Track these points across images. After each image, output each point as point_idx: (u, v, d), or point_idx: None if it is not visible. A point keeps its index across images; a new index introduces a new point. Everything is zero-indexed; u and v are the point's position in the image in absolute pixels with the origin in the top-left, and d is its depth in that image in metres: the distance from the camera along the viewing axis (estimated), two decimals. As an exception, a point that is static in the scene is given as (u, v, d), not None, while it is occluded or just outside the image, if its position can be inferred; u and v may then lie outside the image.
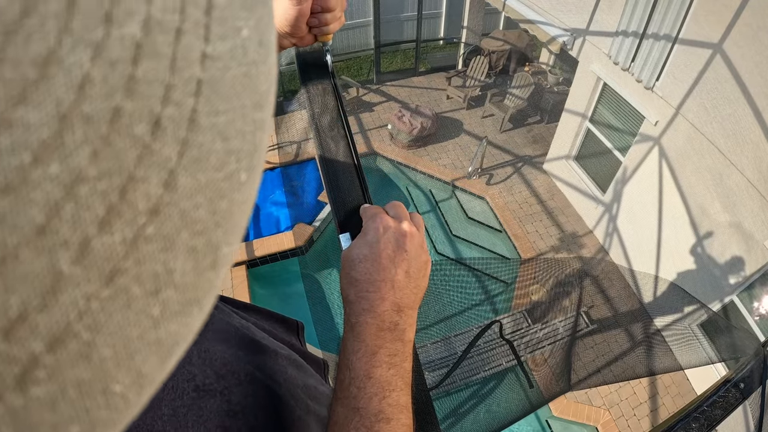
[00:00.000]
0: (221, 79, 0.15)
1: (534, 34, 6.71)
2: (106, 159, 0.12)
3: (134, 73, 0.13)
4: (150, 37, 0.13)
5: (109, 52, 0.12)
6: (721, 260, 4.42)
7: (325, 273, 5.87)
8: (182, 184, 0.14)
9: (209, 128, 0.15)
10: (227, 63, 0.15)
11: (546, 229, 6.37)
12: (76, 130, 0.12)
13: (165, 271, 0.13)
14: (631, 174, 5.44)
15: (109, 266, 0.12)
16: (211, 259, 0.15)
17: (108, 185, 0.12)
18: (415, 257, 0.53)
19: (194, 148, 0.14)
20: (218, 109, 0.15)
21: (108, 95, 0.12)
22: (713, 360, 3.02)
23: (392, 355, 0.48)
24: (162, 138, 0.13)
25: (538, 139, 7.73)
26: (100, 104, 0.12)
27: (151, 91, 0.13)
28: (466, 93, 8.13)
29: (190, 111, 0.14)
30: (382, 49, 9.03)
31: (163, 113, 0.13)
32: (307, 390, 0.58)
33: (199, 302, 0.15)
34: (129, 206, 0.13)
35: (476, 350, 4.78)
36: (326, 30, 0.65)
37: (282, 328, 0.72)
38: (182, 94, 0.14)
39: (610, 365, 4.20)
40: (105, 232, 0.12)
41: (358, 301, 0.50)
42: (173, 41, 0.14)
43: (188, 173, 0.14)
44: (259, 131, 0.17)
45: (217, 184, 0.15)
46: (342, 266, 0.53)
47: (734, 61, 3.84)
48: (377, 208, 0.58)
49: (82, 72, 0.12)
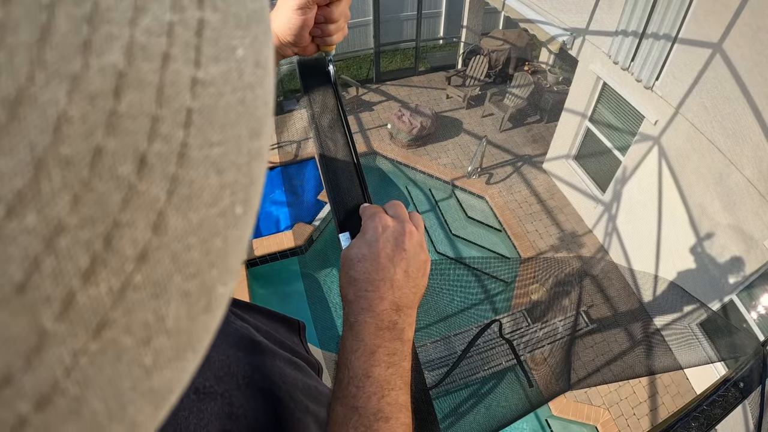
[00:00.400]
0: (214, 106, 0.14)
1: (534, 33, 6.70)
2: (87, 205, 0.11)
3: (116, 107, 0.12)
4: (134, 66, 0.12)
5: (88, 85, 0.11)
6: (720, 260, 4.42)
7: (324, 272, 5.86)
8: (173, 225, 0.13)
9: (201, 162, 0.13)
10: (220, 88, 0.14)
11: (545, 229, 6.37)
12: (53, 176, 0.11)
13: (156, 318, 0.13)
14: (631, 173, 5.44)
15: (96, 319, 0.11)
16: (206, 301, 0.14)
17: (91, 234, 0.11)
18: (414, 256, 0.53)
19: (185, 186, 0.13)
20: (211, 141, 0.14)
21: (88, 134, 0.11)
22: (713, 359, 3.02)
23: (391, 354, 0.48)
24: (149, 177, 0.12)
25: (538, 139, 7.73)
26: (80, 145, 0.11)
27: (136, 126, 0.12)
28: (465, 92, 8.12)
29: (179, 145, 0.13)
30: (382, 49, 9.02)
31: (149, 150, 0.12)
32: (306, 390, 0.58)
33: (194, 347, 0.14)
34: (115, 254, 0.12)
35: (476, 349, 4.78)
36: (329, 41, 0.65)
37: (283, 328, 0.72)
38: (171, 127, 0.13)
39: (610, 364, 4.20)
40: (90, 284, 0.11)
41: (357, 301, 0.49)
42: (160, 68, 0.12)
43: (179, 213, 0.13)
44: (255, 161, 0.15)
45: (211, 222, 0.14)
46: (341, 265, 0.53)
47: (734, 61, 3.84)
48: (376, 207, 0.58)
49: (58, 110, 0.11)
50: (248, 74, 0.15)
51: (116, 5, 0.12)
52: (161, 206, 0.13)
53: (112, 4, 0.12)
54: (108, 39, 0.11)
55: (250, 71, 0.15)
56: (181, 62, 0.13)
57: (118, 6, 0.12)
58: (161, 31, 0.13)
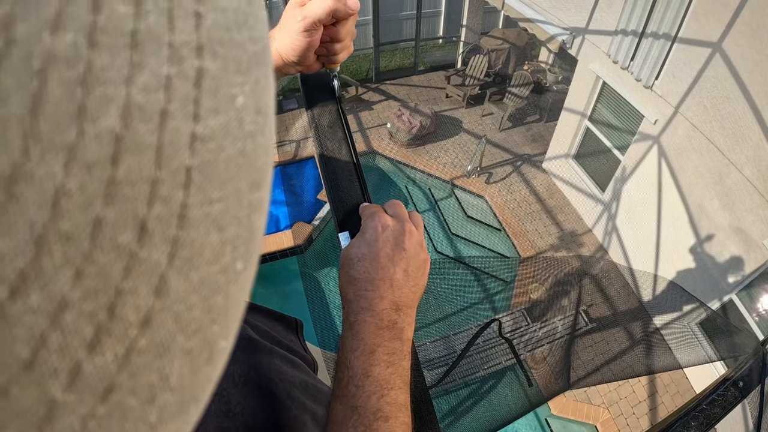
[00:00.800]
0: (214, 162, 0.13)
1: (533, 32, 6.70)
2: (90, 278, 0.11)
3: (115, 174, 0.11)
4: (131, 128, 0.11)
5: (84, 154, 0.11)
6: (720, 259, 4.42)
7: (324, 272, 5.87)
8: (174, 287, 0.13)
9: (202, 221, 0.13)
10: (220, 142, 0.13)
11: (545, 228, 6.37)
12: (54, 252, 0.10)
13: (160, 378, 0.13)
14: (631, 173, 5.44)
15: (103, 385, 0.12)
16: (208, 355, 0.14)
17: (95, 305, 0.11)
18: (413, 256, 0.53)
19: (186, 247, 0.13)
20: (211, 198, 0.13)
21: (87, 206, 0.11)
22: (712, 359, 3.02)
23: (391, 354, 0.48)
24: (150, 243, 0.12)
25: (537, 138, 7.73)
26: (79, 218, 0.11)
27: (135, 192, 0.12)
28: (465, 92, 8.12)
29: (179, 206, 0.13)
30: (382, 48, 9.01)
31: (149, 215, 0.12)
32: (304, 388, 0.58)
33: (197, 399, 0.14)
34: (119, 322, 0.12)
35: (475, 349, 4.78)
36: (334, 59, 0.64)
37: (281, 326, 0.72)
38: (170, 188, 0.12)
39: (610, 364, 4.21)
40: (95, 353, 0.11)
41: (356, 300, 0.50)
42: (158, 127, 0.12)
43: (180, 275, 0.13)
44: (255, 213, 0.15)
45: (212, 279, 0.14)
46: (341, 265, 0.53)
47: (733, 60, 3.84)
48: (376, 206, 0.58)
49: (55, 184, 0.10)
50: (249, 123, 0.14)
51: (111, 63, 0.11)
52: (163, 270, 0.12)
53: (107, 63, 0.11)
54: (103, 101, 0.11)
55: (250, 119, 0.14)
56: (180, 118, 0.13)
57: (113, 64, 0.11)
58: (159, 87, 0.12)
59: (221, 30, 0.14)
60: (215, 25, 0.14)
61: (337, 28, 0.59)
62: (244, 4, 0.15)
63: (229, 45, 0.14)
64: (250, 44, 0.15)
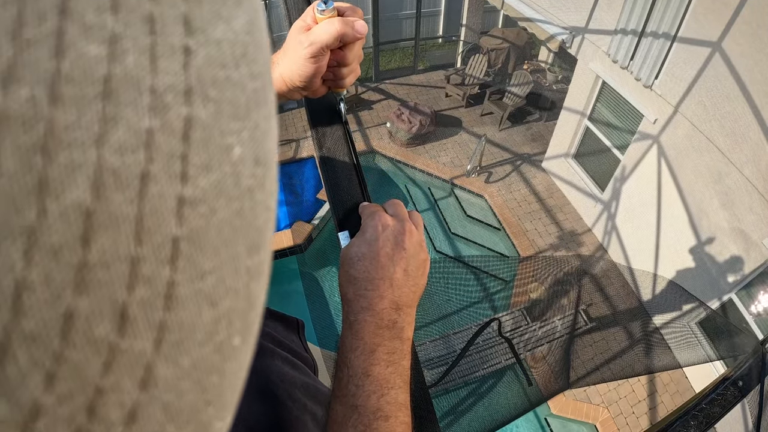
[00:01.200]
0: (205, 228, 0.11)
1: (533, 32, 6.70)
2: (63, 379, 0.10)
3: (86, 257, 0.10)
4: (104, 199, 0.10)
5: (48, 237, 0.09)
6: (719, 258, 4.42)
7: (323, 271, 5.87)
8: (162, 376, 0.11)
9: (192, 299, 0.11)
10: (213, 204, 0.12)
11: (545, 227, 6.37)
12: (19, 357, 0.09)
13: None
14: (630, 172, 5.44)
15: None
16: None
17: (71, 408, 0.10)
18: (413, 255, 0.53)
19: (174, 331, 0.11)
20: (203, 270, 0.12)
21: (54, 299, 0.09)
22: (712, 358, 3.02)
23: (391, 353, 0.48)
24: (132, 332, 0.11)
25: (537, 138, 7.73)
26: (46, 314, 0.09)
27: (112, 276, 0.10)
28: (464, 91, 8.12)
29: (165, 285, 0.11)
30: (381, 47, 9.01)
31: (130, 300, 0.10)
32: (305, 389, 0.58)
33: None
34: (101, 422, 0.10)
35: (475, 348, 4.78)
36: (342, 84, 0.62)
37: (281, 326, 0.72)
38: (154, 266, 0.11)
39: (609, 363, 4.21)
40: None
41: (356, 300, 0.49)
42: (137, 195, 0.10)
43: (168, 362, 0.11)
44: (254, 281, 0.13)
45: (206, 360, 0.12)
46: (341, 264, 0.53)
47: (733, 59, 3.84)
48: (376, 206, 0.58)
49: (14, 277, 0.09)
50: (247, 177, 0.12)
51: (78, 120, 0.09)
52: (148, 359, 0.11)
53: (73, 120, 0.09)
54: (69, 170, 0.09)
55: (248, 173, 0.12)
56: (164, 181, 0.11)
57: (81, 121, 0.09)
58: (138, 144, 0.10)
59: (215, 67, 0.12)
60: (208, 62, 0.12)
61: (345, 52, 0.57)
62: (243, 33, 0.13)
63: (225, 85, 0.12)
64: (249, 81, 0.13)
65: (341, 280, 0.52)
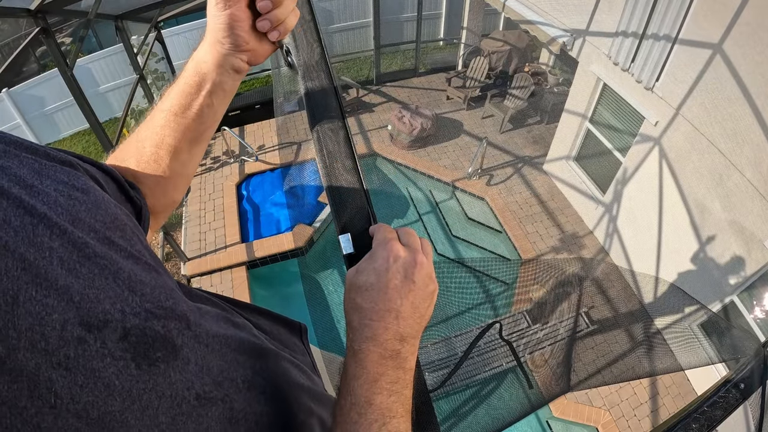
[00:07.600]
0: None
1: (534, 34, 6.71)
2: None
3: None
4: None
5: None
6: (721, 261, 4.41)
7: (324, 274, 5.87)
8: None
9: None
10: None
11: (546, 230, 6.36)
12: None
13: None
14: (631, 174, 5.44)
15: None
16: None
17: None
18: (422, 288, 0.52)
19: None
20: None
21: None
22: (713, 360, 3.01)
23: (393, 383, 0.48)
24: None
25: (538, 140, 7.73)
26: None
27: None
28: (466, 93, 8.12)
29: None
30: (382, 50, 9.03)
31: None
32: (310, 392, 0.58)
33: None
34: None
35: (476, 351, 4.77)
36: (284, 29, 0.57)
37: (285, 330, 0.72)
38: None
39: (611, 366, 4.20)
40: None
41: (361, 329, 0.49)
42: None
43: None
44: None
45: None
46: (347, 289, 0.53)
47: (734, 61, 3.84)
48: (390, 231, 0.56)
49: None
50: None
51: None
52: None
53: None
54: None
55: None
56: None
57: None
58: None
59: None
60: None
61: None
62: None
63: None
64: None
65: (347, 306, 0.52)
